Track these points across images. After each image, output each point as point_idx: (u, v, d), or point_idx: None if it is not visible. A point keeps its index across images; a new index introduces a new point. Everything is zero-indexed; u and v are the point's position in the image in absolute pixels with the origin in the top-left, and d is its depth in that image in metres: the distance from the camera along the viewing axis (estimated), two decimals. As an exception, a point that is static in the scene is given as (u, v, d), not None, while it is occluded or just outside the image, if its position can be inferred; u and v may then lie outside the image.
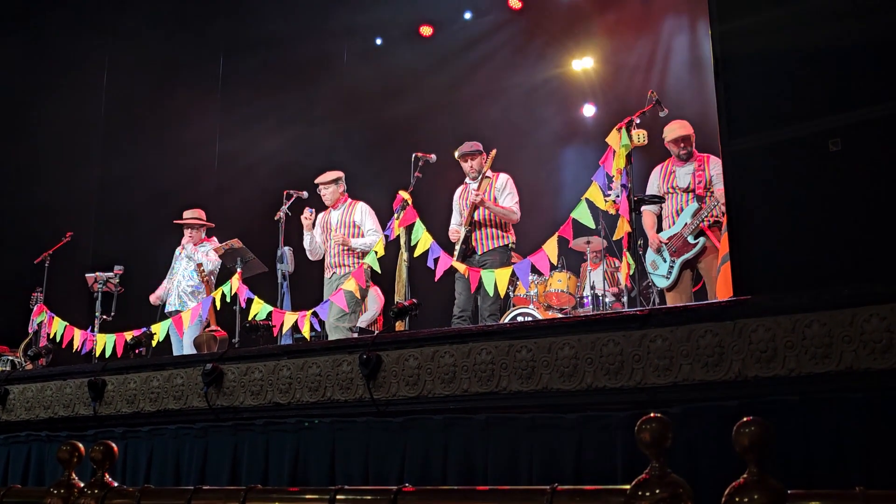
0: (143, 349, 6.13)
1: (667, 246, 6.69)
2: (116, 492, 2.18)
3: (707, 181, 6.65)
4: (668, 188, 6.84)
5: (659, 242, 6.75)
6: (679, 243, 6.61)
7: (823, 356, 2.84)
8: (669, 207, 6.81)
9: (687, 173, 6.79)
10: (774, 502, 1.32)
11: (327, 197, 8.03)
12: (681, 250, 6.60)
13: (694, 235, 6.53)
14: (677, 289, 6.65)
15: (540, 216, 8.86)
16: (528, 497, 1.59)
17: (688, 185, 6.73)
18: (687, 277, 6.65)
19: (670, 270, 6.65)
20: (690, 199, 6.66)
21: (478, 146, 7.55)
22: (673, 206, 6.78)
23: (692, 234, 6.53)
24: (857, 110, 3.18)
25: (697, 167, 6.74)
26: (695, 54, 10.30)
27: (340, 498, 1.85)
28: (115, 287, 8.59)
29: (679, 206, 6.73)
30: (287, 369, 4.24)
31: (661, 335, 3.20)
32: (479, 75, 11.66)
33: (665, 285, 6.72)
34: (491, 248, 7.30)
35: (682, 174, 6.82)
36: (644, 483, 1.41)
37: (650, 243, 6.83)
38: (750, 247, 3.36)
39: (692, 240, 6.54)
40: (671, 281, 6.65)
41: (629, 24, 10.86)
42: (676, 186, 6.78)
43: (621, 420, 3.17)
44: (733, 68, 3.54)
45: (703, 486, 2.69)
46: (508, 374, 3.54)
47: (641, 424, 1.47)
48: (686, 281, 6.66)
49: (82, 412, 5.04)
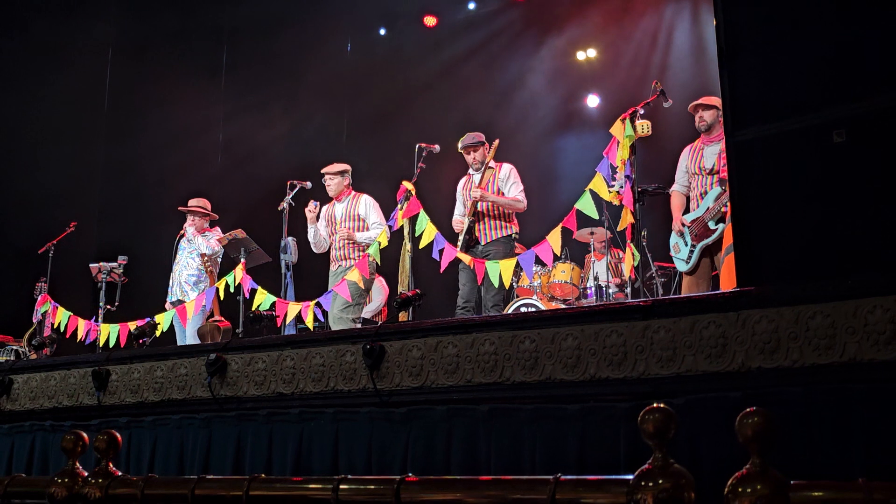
0: (147, 339, 6.14)
1: (689, 229, 6.54)
2: (120, 481, 2.19)
3: None
4: (697, 169, 6.67)
5: (681, 225, 6.61)
6: (700, 228, 6.47)
7: (827, 347, 2.83)
8: (695, 190, 6.65)
9: (713, 153, 6.59)
10: (777, 493, 1.32)
11: (332, 187, 8.01)
12: (701, 235, 6.45)
13: (715, 221, 6.37)
14: (696, 274, 6.51)
15: (543, 207, 8.86)
16: (532, 487, 1.59)
17: (713, 166, 6.54)
18: (706, 264, 6.51)
19: (690, 255, 6.51)
20: (714, 182, 6.49)
21: (480, 137, 7.54)
22: (698, 189, 6.62)
23: (713, 219, 6.37)
24: (861, 101, 3.17)
25: (723, 147, 6.59)
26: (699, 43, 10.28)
27: (343, 487, 1.85)
28: (119, 277, 8.61)
29: (704, 188, 6.56)
30: (291, 359, 4.24)
31: (665, 326, 3.20)
32: (482, 66, 11.65)
33: (685, 269, 6.58)
34: (494, 239, 7.29)
35: (709, 154, 6.63)
36: (647, 473, 1.41)
37: (673, 225, 6.70)
38: (754, 237, 3.35)
39: (713, 225, 6.38)
40: (690, 266, 6.50)
41: (633, 13, 10.84)
42: (703, 167, 6.61)
43: (624, 411, 3.17)
44: (738, 58, 3.53)
45: (705, 477, 2.70)
46: (512, 365, 3.54)
47: (645, 415, 1.47)
48: (705, 267, 6.51)
49: (86, 402, 5.05)
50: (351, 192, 8.04)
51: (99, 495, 2.16)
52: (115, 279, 8.61)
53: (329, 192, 8.07)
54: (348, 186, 8.05)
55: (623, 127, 5.98)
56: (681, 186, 6.84)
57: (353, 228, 7.82)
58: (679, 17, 10.60)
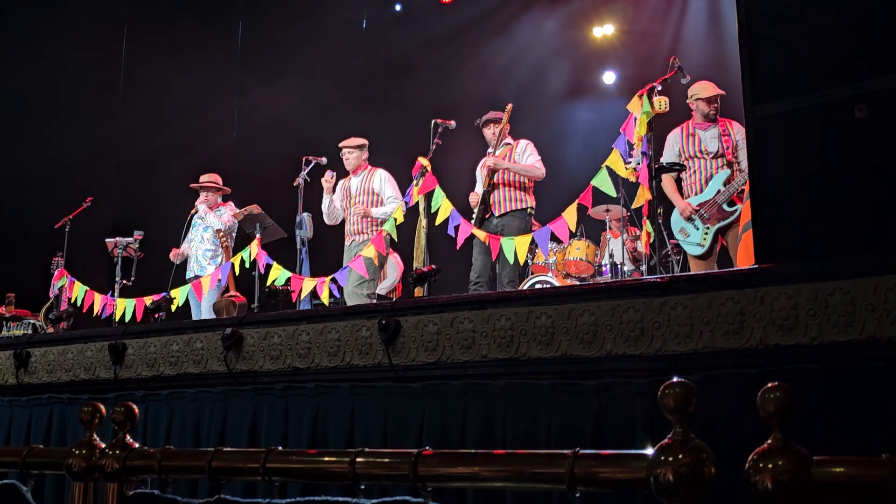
0: (163, 314, 6.17)
1: (699, 213, 6.53)
2: (138, 453, 2.19)
3: (734, 146, 6.52)
4: (694, 152, 6.66)
5: (691, 209, 6.59)
6: (713, 210, 6.46)
7: (846, 325, 2.81)
8: (697, 173, 6.64)
9: (713, 137, 6.62)
10: (800, 468, 1.31)
11: (350, 161, 8.04)
12: (716, 217, 6.45)
13: (729, 203, 6.40)
14: (711, 258, 6.52)
15: (559, 184, 8.82)
16: (550, 461, 1.59)
17: (717, 149, 6.56)
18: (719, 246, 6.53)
19: (705, 237, 6.49)
20: (722, 166, 6.51)
21: (499, 114, 7.53)
22: (702, 172, 6.61)
23: (727, 201, 6.40)
24: (884, 76, 3.13)
25: (723, 131, 6.59)
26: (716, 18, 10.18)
27: (360, 461, 1.85)
28: (135, 252, 8.64)
29: (709, 172, 6.56)
30: (306, 334, 4.25)
31: (682, 302, 3.18)
32: (499, 42, 11.59)
33: (699, 253, 6.56)
34: (509, 210, 7.27)
35: (709, 138, 6.65)
36: (667, 448, 1.40)
37: (680, 210, 6.67)
38: (772, 214, 3.32)
39: (728, 207, 6.40)
40: (706, 249, 6.49)
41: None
42: (704, 151, 6.61)
43: (641, 387, 3.16)
44: (758, 33, 3.49)
45: (722, 453, 2.68)
46: (528, 341, 3.53)
47: (665, 389, 1.46)
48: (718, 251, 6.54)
49: (103, 375, 5.08)
50: (367, 167, 8.06)
51: (117, 467, 2.16)
52: (130, 254, 8.64)
53: (346, 166, 8.09)
54: (365, 161, 8.08)
55: (640, 103, 5.95)
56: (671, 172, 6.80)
57: (368, 203, 7.83)
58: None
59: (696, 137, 6.70)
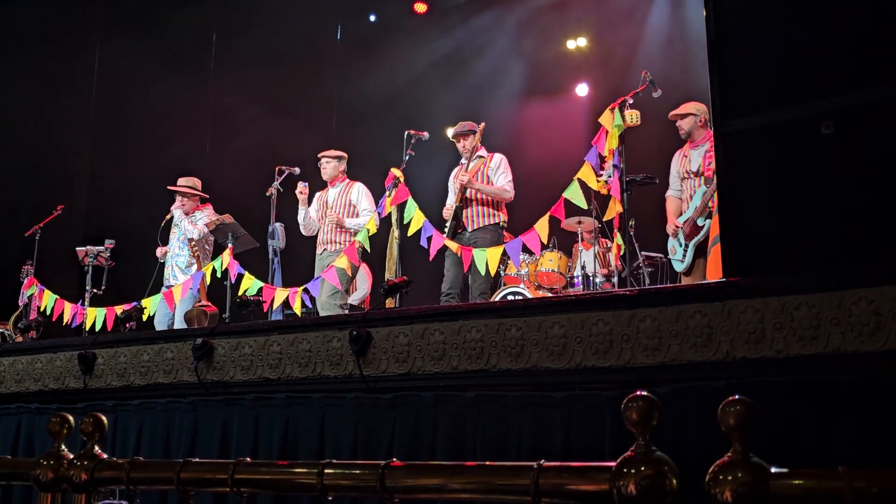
0: (134, 323, 6.13)
1: (682, 230, 6.64)
2: (106, 463, 2.19)
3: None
4: (685, 173, 6.79)
5: (675, 227, 6.71)
6: (690, 227, 6.57)
7: (811, 338, 2.85)
8: (686, 192, 6.76)
9: (698, 155, 6.73)
10: (758, 480, 1.33)
11: (327, 171, 8.06)
12: (692, 234, 6.56)
13: (703, 218, 6.49)
14: (693, 274, 6.60)
15: (531, 196, 8.87)
16: (515, 473, 1.60)
17: (697, 167, 6.67)
18: (701, 264, 6.59)
19: (685, 254, 6.61)
20: (702, 183, 6.61)
21: (472, 126, 7.55)
22: (688, 191, 6.73)
23: (701, 216, 6.49)
24: (849, 93, 3.18)
25: (709, 148, 6.67)
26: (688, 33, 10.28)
27: (329, 472, 1.86)
28: (106, 261, 8.59)
29: (693, 189, 6.68)
30: (277, 345, 4.24)
31: (651, 315, 3.21)
32: (473, 53, 11.64)
33: (681, 269, 6.69)
34: (482, 226, 7.29)
35: (695, 156, 6.76)
36: (629, 460, 1.42)
37: (668, 228, 6.82)
38: (740, 228, 3.36)
39: (700, 222, 6.50)
40: (686, 265, 6.61)
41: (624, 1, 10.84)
42: (689, 170, 6.74)
43: (609, 399, 3.19)
44: (727, 48, 3.53)
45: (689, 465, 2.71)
46: (498, 353, 3.55)
47: (628, 402, 1.48)
48: (700, 267, 6.61)
49: (72, 385, 5.05)
50: (345, 180, 8.09)
51: (84, 478, 2.16)
52: (101, 263, 8.58)
53: (323, 175, 8.10)
54: (343, 173, 8.11)
55: (612, 116, 6.00)
56: (674, 191, 6.95)
57: (345, 214, 7.84)
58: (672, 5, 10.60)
59: (688, 158, 6.83)
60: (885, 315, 2.71)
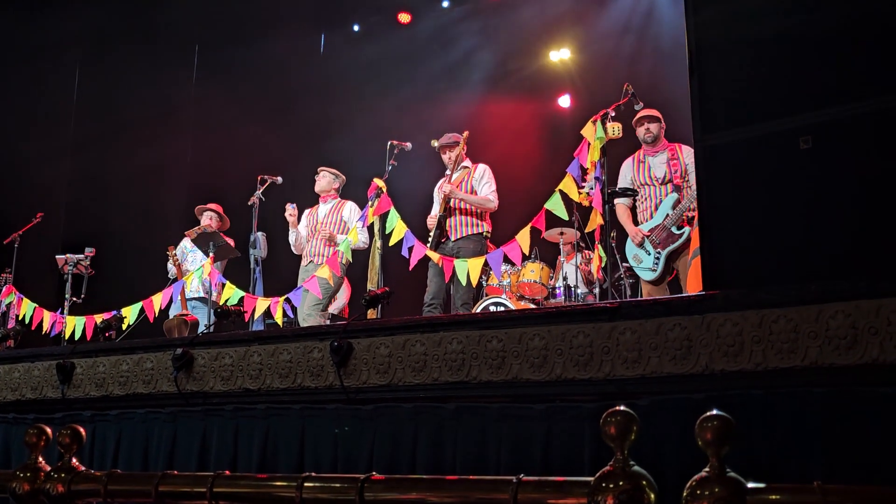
0: (113, 332, 6.10)
1: (649, 238, 6.59)
2: (83, 476, 2.18)
3: (683, 170, 6.59)
4: (645, 179, 6.74)
5: (642, 235, 6.65)
6: (663, 235, 6.53)
7: (789, 351, 2.87)
8: (648, 200, 6.72)
9: (662, 163, 6.71)
10: (734, 496, 1.34)
11: (321, 184, 8.14)
12: (665, 242, 6.52)
13: (678, 226, 6.47)
14: (663, 284, 6.58)
15: (514, 207, 8.88)
16: (495, 487, 1.61)
17: (664, 175, 6.66)
18: (673, 273, 6.59)
19: (656, 262, 6.56)
20: (670, 190, 6.58)
21: (457, 138, 7.57)
22: (652, 199, 6.69)
23: (675, 224, 6.47)
24: (828, 108, 3.21)
25: (671, 156, 6.67)
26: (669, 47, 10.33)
27: (308, 485, 1.86)
28: (86, 269, 8.54)
29: (658, 198, 6.64)
30: (258, 355, 4.23)
31: (631, 328, 3.23)
32: (457, 63, 11.65)
33: (651, 278, 6.62)
34: (465, 235, 7.31)
35: (657, 164, 6.74)
36: (607, 475, 1.43)
37: (632, 237, 6.74)
38: (720, 242, 3.38)
39: (676, 230, 6.47)
40: (658, 273, 6.56)
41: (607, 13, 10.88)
42: (654, 177, 6.69)
43: (590, 411, 3.20)
44: (707, 63, 3.56)
45: (668, 479, 2.72)
46: (479, 364, 3.55)
47: (607, 417, 1.48)
48: (673, 276, 6.60)
49: (50, 395, 5.01)
50: (337, 198, 8.14)
51: (62, 490, 2.14)
52: (81, 271, 8.53)
53: (316, 187, 8.16)
54: (337, 191, 8.17)
55: (594, 129, 6.03)
56: (625, 198, 6.88)
57: (336, 231, 7.89)
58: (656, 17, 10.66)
59: (646, 164, 6.80)
60: (861, 329, 2.73)
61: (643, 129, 6.83)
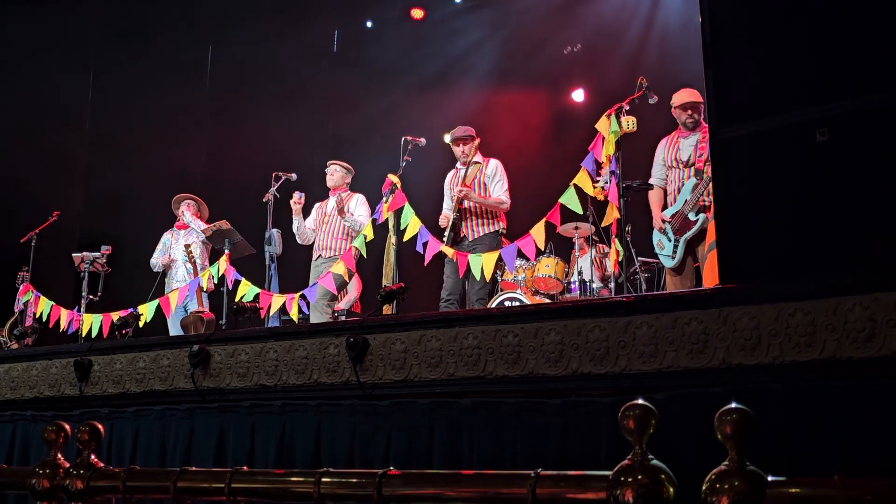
0: (130, 330, 6.12)
1: (670, 224, 6.50)
2: (102, 472, 2.18)
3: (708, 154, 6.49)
4: (671, 162, 6.63)
5: (662, 221, 6.57)
6: (680, 221, 6.43)
7: (807, 345, 2.85)
8: (674, 183, 6.61)
9: (690, 145, 6.58)
10: (754, 489, 1.34)
11: (333, 178, 8.19)
12: (683, 228, 6.41)
13: (695, 212, 6.35)
14: (683, 274, 6.47)
15: (528, 201, 8.87)
16: (512, 482, 1.61)
17: (688, 157, 6.53)
18: (690, 261, 6.47)
19: (675, 249, 6.46)
20: (693, 174, 6.45)
21: (471, 131, 7.57)
22: (675, 183, 6.59)
23: (693, 210, 6.36)
24: (843, 100, 3.19)
25: (701, 138, 6.50)
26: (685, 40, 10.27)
27: (326, 481, 1.86)
28: (102, 267, 8.57)
29: (681, 181, 6.53)
30: (274, 351, 4.24)
31: (647, 322, 3.21)
32: (469, 58, 11.63)
33: (672, 265, 6.52)
34: (481, 235, 7.31)
35: (685, 146, 6.61)
36: (626, 469, 1.42)
37: (654, 222, 6.66)
38: (736, 235, 3.37)
39: (692, 217, 6.36)
40: (677, 261, 6.45)
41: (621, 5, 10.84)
42: (679, 160, 6.57)
43: (606, 406, 3.19)
44: (723, 55, 3.54)
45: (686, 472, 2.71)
46: (494, 359, 3.55)
47: (625, 411, 1.48)
48: (690, 264, 6.47)
49: (68, 392, 5.03)
50: (346, 191, 8.18)
51: (80, 487, 2.15)
52: (98, 269, 8.57)
53: (328, 182, 8.20)
54: (346, 185, 8.20)
55: (608, 123, 6.01)
56: (658, 180, 6.79)
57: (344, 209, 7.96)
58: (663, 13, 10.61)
59: (677, 146, 6.66)
60: (879, 321, 2.71)
61: (687, 114, 6.67)
